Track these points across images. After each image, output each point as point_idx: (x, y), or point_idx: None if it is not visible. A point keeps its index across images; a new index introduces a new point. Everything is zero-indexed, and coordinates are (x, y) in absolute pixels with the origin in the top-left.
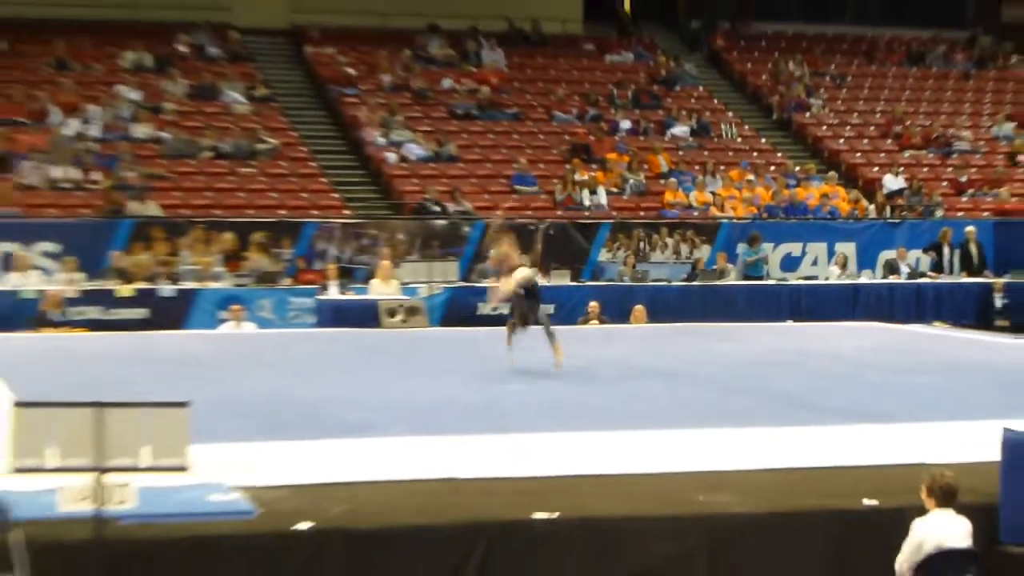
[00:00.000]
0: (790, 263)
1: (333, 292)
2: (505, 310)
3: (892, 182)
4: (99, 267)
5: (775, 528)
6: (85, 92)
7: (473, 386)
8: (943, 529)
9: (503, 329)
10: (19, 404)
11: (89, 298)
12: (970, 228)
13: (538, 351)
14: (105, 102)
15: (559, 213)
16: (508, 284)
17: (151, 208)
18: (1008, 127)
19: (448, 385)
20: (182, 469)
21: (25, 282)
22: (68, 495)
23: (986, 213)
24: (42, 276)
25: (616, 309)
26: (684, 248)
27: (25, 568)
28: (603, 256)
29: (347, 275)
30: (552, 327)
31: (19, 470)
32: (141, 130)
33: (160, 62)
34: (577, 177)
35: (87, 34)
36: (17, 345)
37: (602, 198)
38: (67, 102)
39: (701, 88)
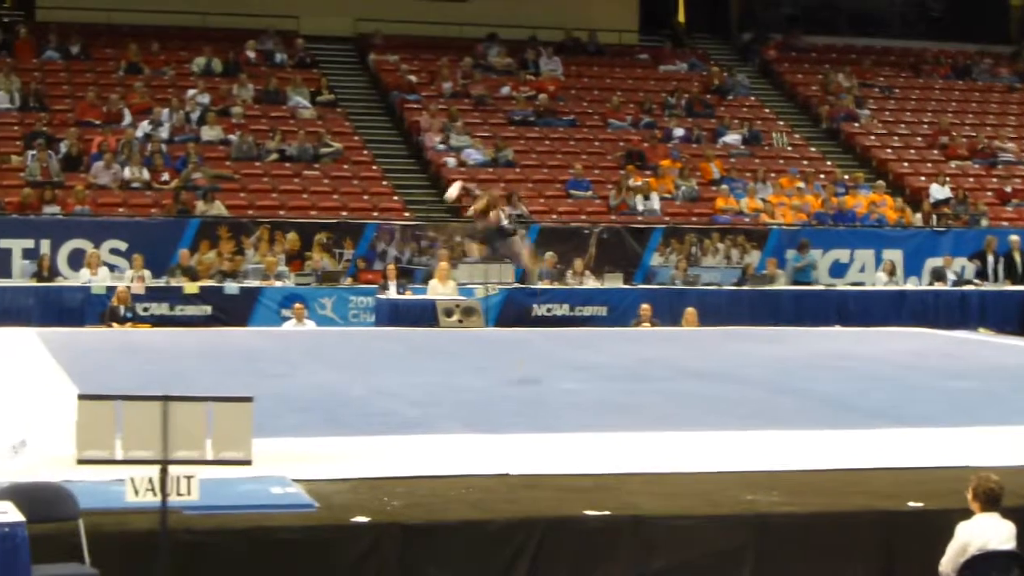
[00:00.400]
0: (838, 269)
1: (392, 292)
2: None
3: (938, 191)
4: (166, 265)
5: (821, 528)
6: (156, 95)
7: (525, 384)
8: (987, 532)
9: (552, 330)
10: (83, 396)
11: (156, 295)
12: (1014, 237)
13: (595, 349)
14: (175, 105)
15: (613, 218)
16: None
17: (217, 208)
18: None
19: (502, 384)
20: (246, 462)
21: (95, 279)
22: (135, 486)
23: None
24: (111, 273)
25: (667, 312)
26: (735, 253)
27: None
28: (655, 260)
29: (406, 275)
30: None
31: (83, 461)
32: (209, 133)
33: (228, 67)
34: (631, 183)
35: (158, 39)
36: (86, 339)
37: (655, 203)
38: (138, 105)
39: (753, 98)
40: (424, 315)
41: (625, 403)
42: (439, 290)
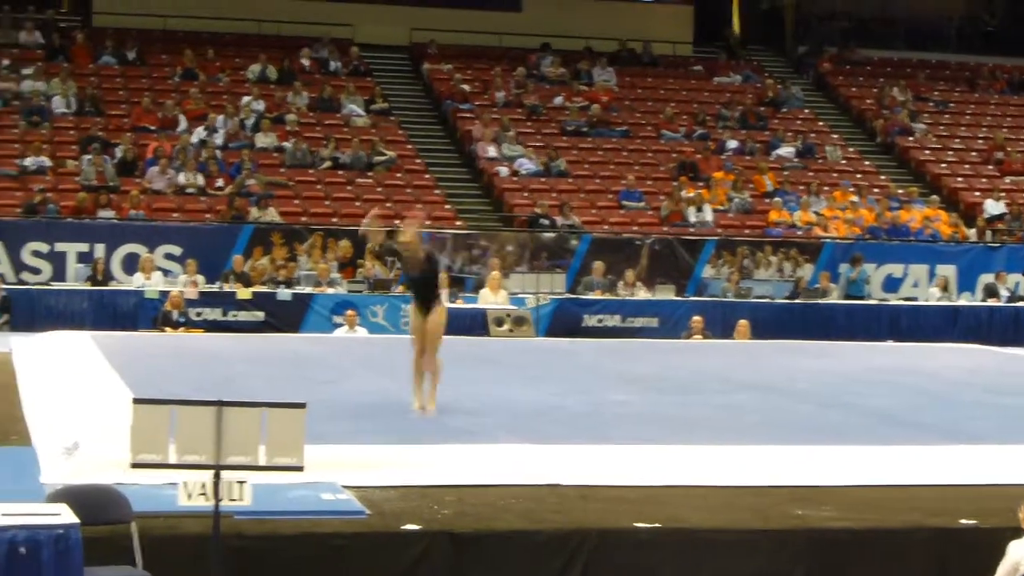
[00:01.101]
0: (891, 284)
1: (444, 301)
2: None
3: (993, 207)
4: (219, 271)
5: (872, 544)
6: (211, 102)
7: (576, 395)
8: None
9: (603, 341)
10: (138, 401)
11: (209, 300)
12: None
13: (646, 360)
14: (230, 112)
15: (665, 229)
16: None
17: (271, 215)
18: None
19: (552, 394)
20: (298, 468)
21: (149, 283)
22: (188, 491)
23: None
24: (165, 278)
25: (719, 324)
26: (787, 266)
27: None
28: (707, 272)
29: (457, 284)
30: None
31: (137, 465)
32: (264, 140)
33: (283, 75)
34: (684, 194)
35: (214, 46)
36: (139, 344)
37: (708, 215)
38: (193, 111)
39: (807, 111)
40: (475, 324)
41: (676, 415)
42: (490, 299)
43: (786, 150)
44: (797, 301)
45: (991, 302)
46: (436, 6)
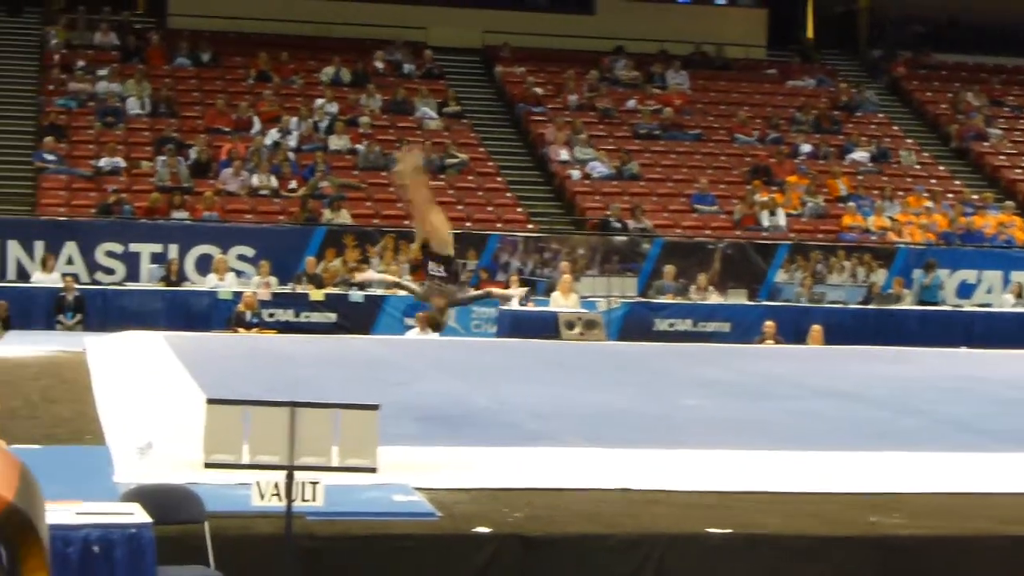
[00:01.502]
0: (965, 290)
1: (515, 303)
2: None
3: None
4: (292, 272)
5: (944, 552)
6: (284, 104)
7: (648, 399)
8: None
9: (674, 345)
10: (212, 401)
11: (282, 301)
12: None
13: (718, 365)
14: (303, 114)
15: (738, 233)
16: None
17: (344, 217)
18: None
19: (623, 397)
20: (371, 470)
21: (222, 284)
22: (261, 491)
23: None
24: (238, 279)
25: (791, 329)
26: (861, 271)
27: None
28: (780, 277)
29: (529, 287)
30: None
31: (210, 465)
32: (337, 142)
33: (357, 77)
34: (757, 198)
35: (288, 48)
36: (212, 344)
37: (781, 219)
38: (267, 113)
39: (881, 115)
40: (546, 327)
41: (748, 420)
42: (561, 302)
43: (860, 154)
44: (870, 307)
45: None
46: (509, 9)
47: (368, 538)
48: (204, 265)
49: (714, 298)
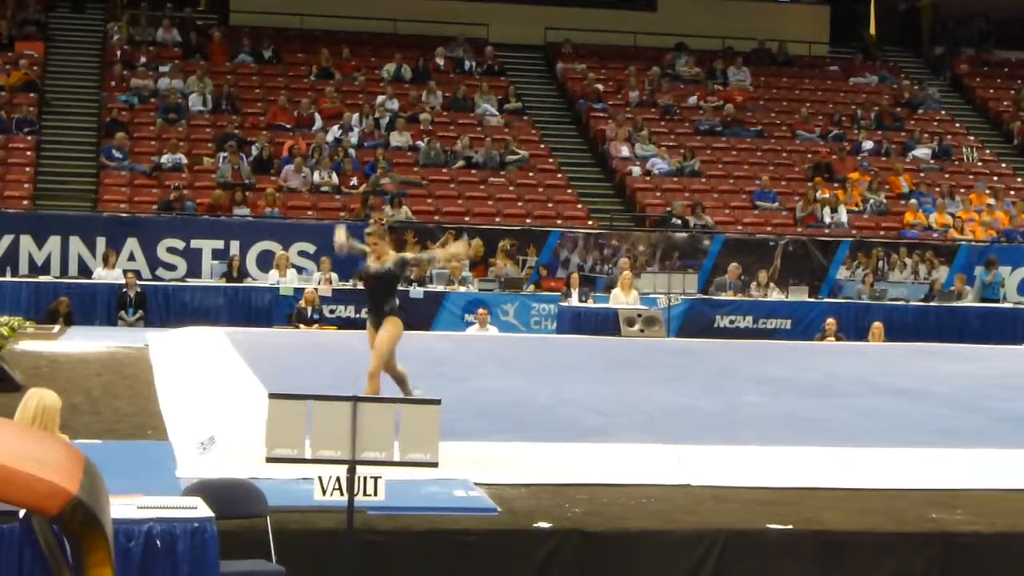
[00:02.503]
0: None
1: (574, 300)
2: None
3: None
4: (353, 268)
5: (1008, 548)
6: (346, 100)
7: (709, 396)
8: None
9: (735, 342)
10: (273, 396)
11: (343, 297)
12: None
13: (779, 362)
14: (365, 111)
15: (799, 230)
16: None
17: (405, 213)
18: None
19: (684, 394)
20: (432, 465)
21: (283, 280)
22: (323, 485)
23: None
24: (299, 275)
25: (853, 326)
26: (922, 269)
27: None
28: (842, 274)
29: (588, 283)
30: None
31: (272, 459)
32: (398, 139)
33: (418, 74)
34: (819, 195)
35: (349, 45)
36: (273, 339)
37: (843, 216)
38: (329, 109)
39: (943, 112)
40: (606, 324)
41: (810, 417)
42: (621, 299)
43: (922, 151)
44: (932, 304)
45: None
46: (570, 5)
47: (429, 533)
48: (265, 261)
49: (775, 295)
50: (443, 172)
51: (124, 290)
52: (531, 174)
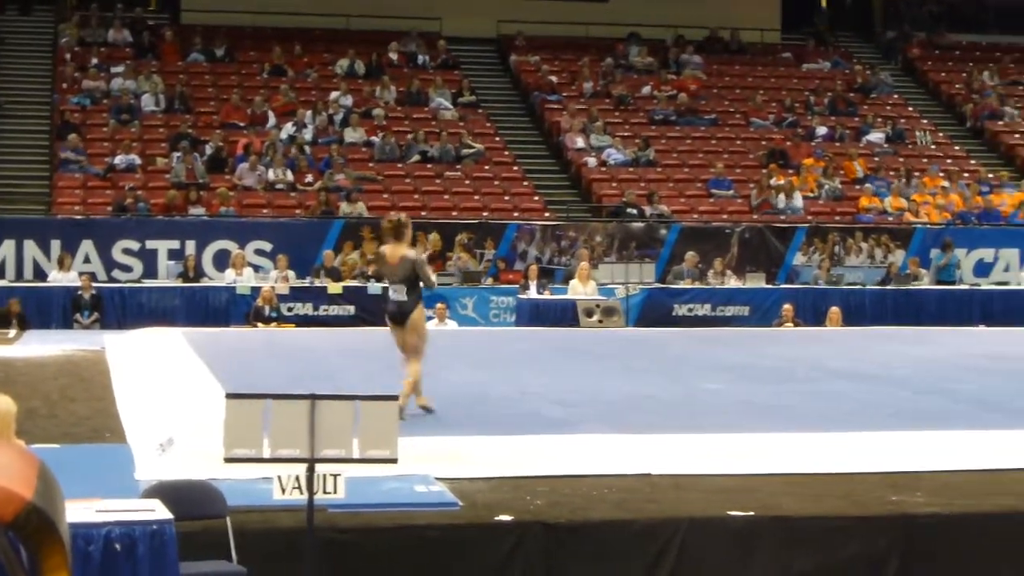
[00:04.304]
0: (982, 269)
1: (533, 292)
2: None
3: None
4: (310, 265)
5: (969, 529)
6: (299, 97)
7: (668, 385)
8: None
9: (693, 330)
10: (231, 396)
11: (300, 295)
12: None
13: (738, 349)
14: (318, 107)
15: (755, 217)
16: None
17: (360, 209)
18: None
19: (644, 383)
20: (391, 461)
21: (240, 279)
22: (282, 484)
23: None
24: (256, 273)
25: (810, 312)
26: (878, 252)
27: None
28: (798, 259)
29: (546, 275)
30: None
31: (231, 459)
32: (352, 134)
33: (371, 69)
34: (773, 182)
35: (302, 42)
36: (231, 339)
37: (798, 202)
38: (282, 107)
39: (896, 96)
40: (565, 315)
41: (769, 404)
42: (579, 290)
43: (876, 136)
44: (888, 287)
45: None
46: None
47: (390, 529)
48: (222, 261)
49: (732, 282)
50: (398, 167)
51: (79, 292)
52: (487, 167)
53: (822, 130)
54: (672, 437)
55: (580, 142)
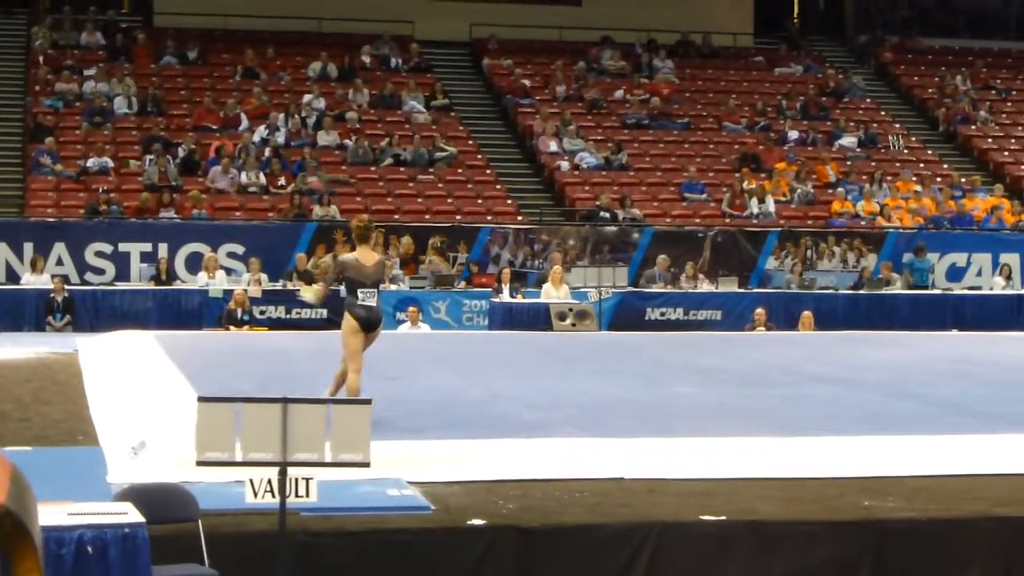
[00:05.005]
0: (955, 273)
1: (506, 295)
2: None
3: None
4: (283, 268)
5: (941, 534)
6: (272, 100)
7: (641, 389)
8: None
9: (666, 334)
10: (203, 399)
11: (273, 298)
12: None
13: (710, 353)
14: (291, 110)
15: (727, 221)
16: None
17: (333, 212)
18: None
19: (617, 387)
20: (364, 464)
21: (212, 282)
22: (254, 488)
23: None
24: (228, 276)
25: (783, 316)
26: (851, 257)
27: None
28: (771, 264)
29: (519, 279)
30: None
31: (202, 463)
32: (325, 137)
33: (344, 72)
34: (746, 186)
35: (275, 45)
36: (203, 342)
37: (770, 206)
38: (255, 109)
39: (868, 100)
40: (538, 319)
41: (742, 408)
42: (552, 294)
43: (848, 140)
44: (861, 292)
45: None
46: (496, 1)
47: (363, 533)
48: (194, 263)
49: (705, 286)
50: (371, 170)
51: (52, 295)
52: (460, 171)
53: (794, 134)
54: (645, 441)
55: (553, 146)
